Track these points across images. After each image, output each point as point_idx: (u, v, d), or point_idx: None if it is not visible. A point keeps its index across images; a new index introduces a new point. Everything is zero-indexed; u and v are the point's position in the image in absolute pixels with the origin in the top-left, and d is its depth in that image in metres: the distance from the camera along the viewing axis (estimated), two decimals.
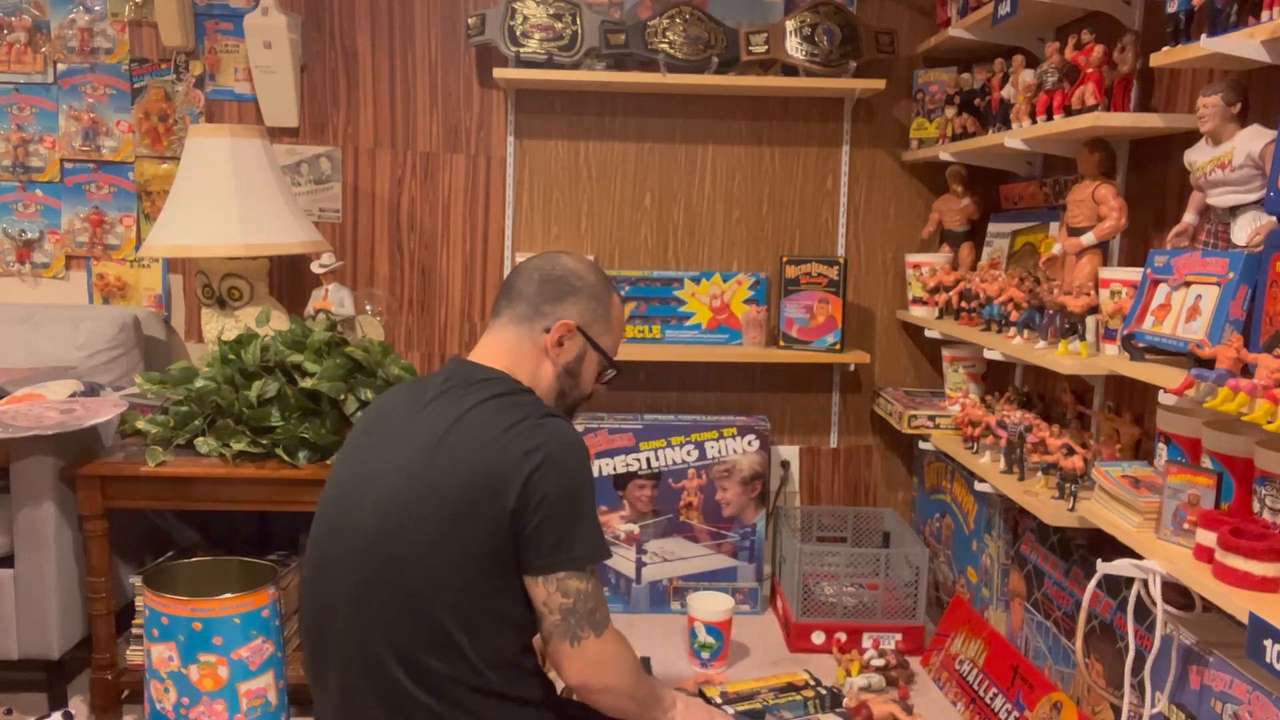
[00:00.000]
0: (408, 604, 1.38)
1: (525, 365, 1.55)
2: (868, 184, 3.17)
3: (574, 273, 1.59)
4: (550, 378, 1.57)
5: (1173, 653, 1.66)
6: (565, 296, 1.57)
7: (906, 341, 3.24)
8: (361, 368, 2.41)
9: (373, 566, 1.41)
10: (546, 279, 1.57)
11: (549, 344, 1.55)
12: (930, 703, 2.47)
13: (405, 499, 1.41)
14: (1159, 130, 2.05)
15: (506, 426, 1.41)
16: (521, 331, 1.56)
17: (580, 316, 1.57)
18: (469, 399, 1.46)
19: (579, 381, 1.60)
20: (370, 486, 1.45)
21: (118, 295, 3.14)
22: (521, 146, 3.11)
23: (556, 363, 1.57)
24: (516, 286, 1.58)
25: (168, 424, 2.35)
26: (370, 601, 1.40)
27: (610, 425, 2.95)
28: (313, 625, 1.50)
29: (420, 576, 1.37)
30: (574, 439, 1.45)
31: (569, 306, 1.57)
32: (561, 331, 1.55)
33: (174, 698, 2.01)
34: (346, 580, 1.43)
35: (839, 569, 2.82)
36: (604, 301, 1.61)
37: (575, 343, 1.57)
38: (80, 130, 3.07)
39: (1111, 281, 1.96)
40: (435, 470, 1.40)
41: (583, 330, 1.57)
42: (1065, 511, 2.01)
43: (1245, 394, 1.39)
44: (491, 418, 1.43)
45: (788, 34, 2.93)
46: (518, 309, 1.56)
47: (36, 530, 2.30)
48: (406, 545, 1.39)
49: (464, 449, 1.40)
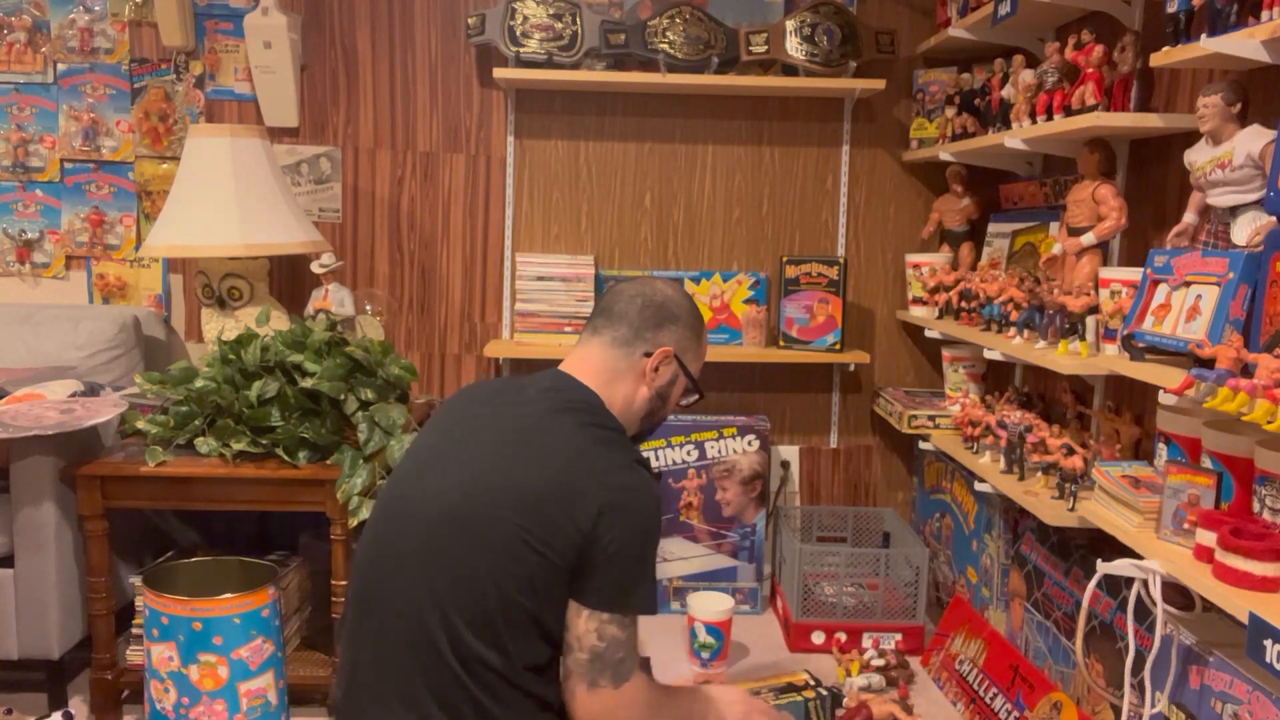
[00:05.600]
0: (469, 587, 1.40)
1: (622, 386, 1.62)
2: (868, 184, 3.17)
3: (674, 301, 1.67)
4: (644, 400, 1.64)
5: (1173, 653, 1.66)
6: (665, 324, 1.65)
7: (906, 341, 3.24)
8: (361, 368, 2.41)
9: (440, 542, 1.44)
10: (649, 304, 1.65)
11: (648, 368, 1.63)
12: (930, 703, 2.47)
13: (485, 486, 1.44)
14: (1159, 130, 2.05)
15: (600, 454, 1.47)
16: (621, 354, 1.62)
17: (677, 344, 1.66)
18: (566, 415, 1.52)
19: (666, 404, 1.69)
20: (452, 465, 1.49)
21: (118, 295, 3.14)
22: (521, 146, 3.11)
23: (651, 386, 1.64)
24: (618, 309, 1.65)
25: (168, 424, 2.35)
26: (433, 575, 1.42)
27: None
28: (362, 591, 1.52)
29: (484, 564, 1.40)
30: (658, 492, 1.51)
31: (668, 334, 1.65)
32: (661, 358, 1.63)
33: (174, 698, 2.01)
34: (412, 550, 1.45)
35: (839, 569, 2.82)
36: (697, 331, 1.71)
37: (670, 368, 1.65)
38: (80, 130, 3.07)
39: (1111, 281, 1.96)
40: (522, 468, 1.45)
41: (678, 357, 1.66)
42: (1065, 511, 2.01)
43: (1245, 394, 1.39)
44: (587, 441, 1.49)
45: (788, 34, 2.93)
46: (619, 331, 1.63)
47: (36, 530, 2.30)
48: (479, 530, 1.42)
49: (555, 458, 1.45)
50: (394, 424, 2.31)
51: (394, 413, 2.33)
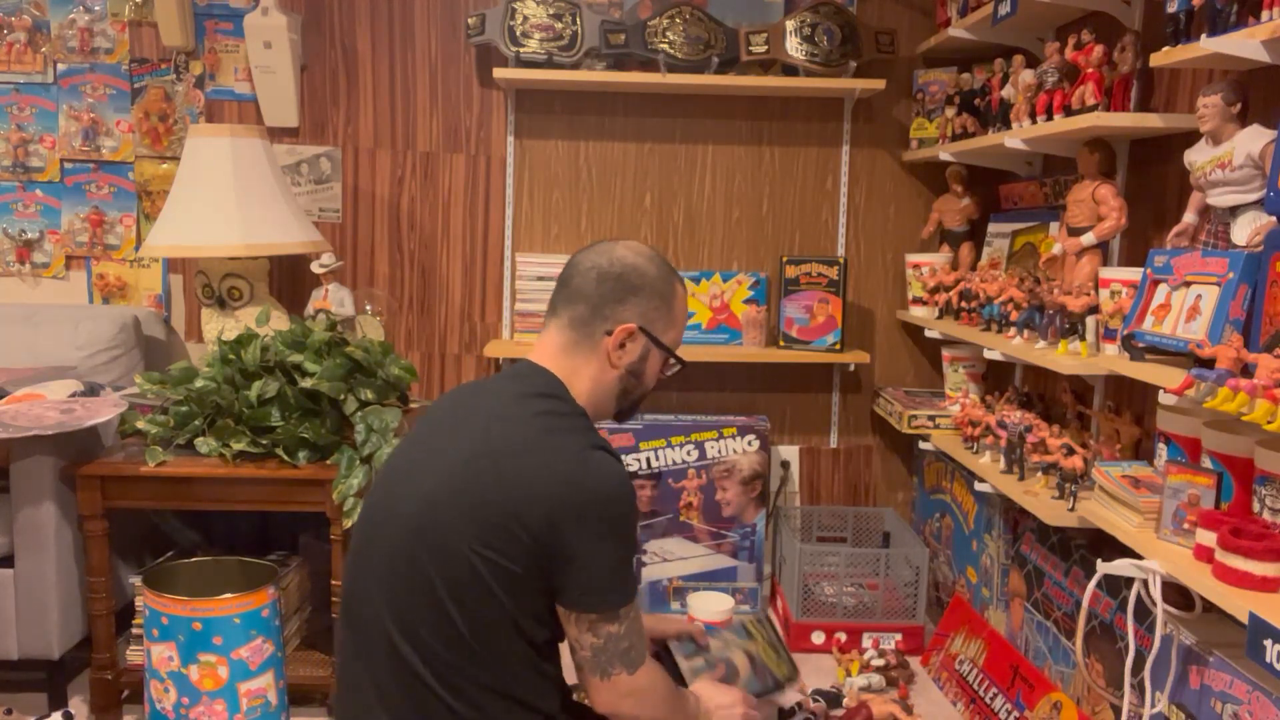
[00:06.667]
0: (430, 599, 1.37)
1: (586, 369, 1.50)
2: (868, 184, 3.17)
3: (634, 270, 1.51)
4: (613, 380, 1.52)
5: (1173, 653, 1.66)
6: (627, 296, 1.50)
7: (906, 341, 3.24)
8: (361, 368, 2.41)
9: (405, 554, 1.40)
10: (605, 277, 1.50)
11: (611, 348, 1.50)
12: (930, 703, 2.47)
13: (444, 495, 1.39)
14: (1159, 130, 2.05)
15: (551, 446, 1.38)
16: (581, 336, 1.50)
17: (642, 316, 1.51)
18: (524, 405, 1.44)
19: (642, 380, 1.56)
20: (417, 476, 1.44)
21: (118, 295, 3.14)
22: (521, 146, 3.11)
23: (619, 365, 1.51)
24: (574, 284, 1.52)
25: (168, 424, 2.35)
26: (397, 590, 1.40)
27: (610, 425, 2.94)
28: (347, 610, 1.50)
29: (442, 577, 1.36)
30: (617, 478, 1.39)
31: (631, 307, 1.50)
32: (623, 335, 1.49)
33: (174, 698, 2.01)
34: (382, 560, 1.43)
35: (839, 569, 2.82)
36: (667, 297, 1.53)
37: (638, 344, 1.51)
38: (80, 130, 3.07)
39: (1111, 281, 1.96)
40: (475, 475, 1.38)
41: (645, 330, 1.51)
42: (1065, 511, 2.01)
43: (1245, 394, 1.39)
44: (538, 433, 1.40)
45: (788, 34, 2.93)
46: (577, 310, 1.50)
47: (36, 530, 2.30)
48: (437, 542, 1.37)
49: (507, 462, 1.37)
50: (387, 426, 2.31)
51: (387, 415, 2.33)
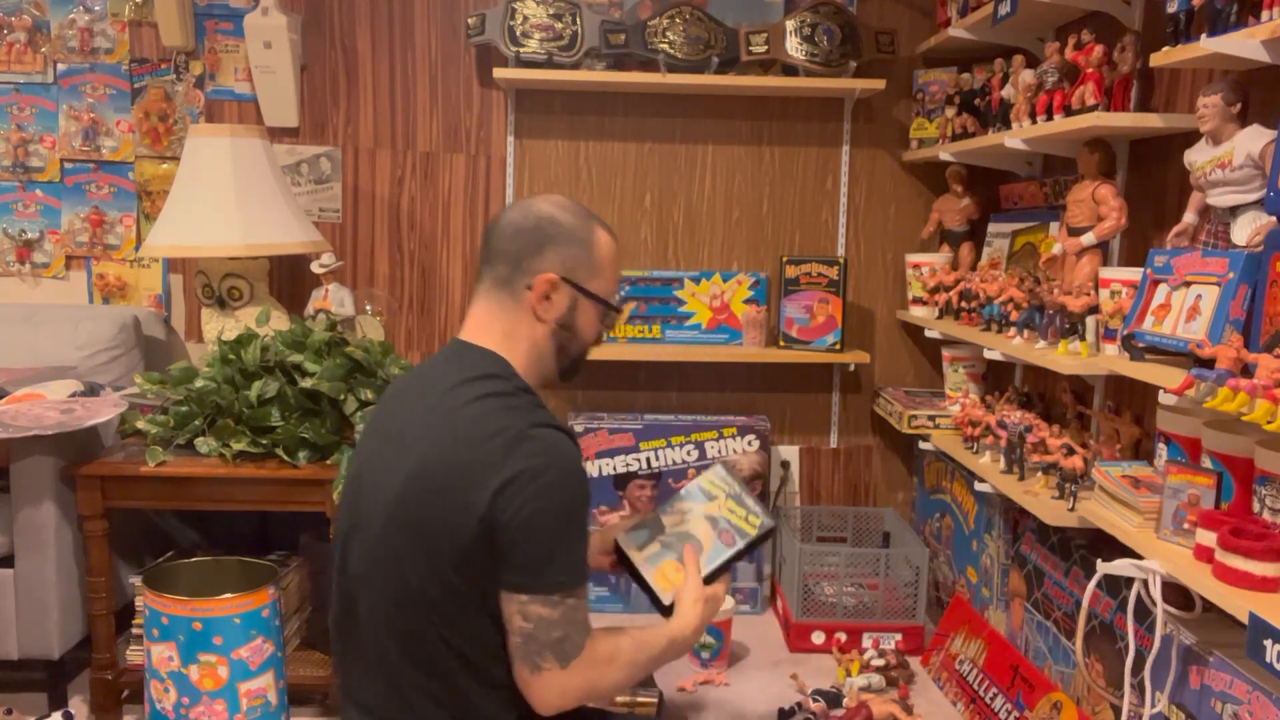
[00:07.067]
0: (400, 596, 1.36)
1: (517, 332, 1.44)
2: (868, 184, 3.17)
3: (549, 219, 1.45)
4: (544, 337, 1.46)
5: (1173, 653, 1.66)
6: (544, 247, 1.43)
7: (906, 341, 3.24)
8: (361, 368, 2.41)
9: (367, 548, 1.40)
10: (520, 231, 1.44)
11: (535, 301, 1.43)
12: (930, 703, 2.47)
13: (393, 492, 1.38)
14: (1159, 130, 2.05)
15: (490, 429, 1.34)
16: (506, 296, 1.44)
17: (562, 265, 1.44)
18: (462, 391, 1.39)
19: (577, 333, 1.49)
20: (370, 474, 1.44)
21: (118, 295, 3.14)
22: (521, 146, 3.11)
23: (547, 319, 1.45)
24: (493, 245, 1.47)
25: (168, 424, 2.35)
26: (372, 592, 1.40)
27: (610, 425, 2.95)
28: (335, 614, 1.50)
29: (406, 572, 1.36)
30: (557, 456, 1.34)
31: (549, 257, 1.43)
32: (544, 287, 1.43)
33: (174, 698, 2.01)
34: (355, 556, 1.43)
35: (839, 569, 2.81)
36: (586, 242, 1.46)
37: (563, 295, 1.44)
38: (80, 130, 3.07)
39: (1111, 281, 1.96)
40: (413, 465, 1.36)
41: (568, 280, 1.44)
42: (1065, 511, 2.01)
43: (1245, 394, 1.39)
44: (475, 416, 1.35)
45: (788, 34, 2.93)
46: (498, 271, 1.45)
47: (36, 530, 2.30)
48: (394, 539, 1.37)
49: (441, 449, 1.35)
50: None
51: None
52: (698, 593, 1.51)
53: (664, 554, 1.56)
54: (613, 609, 2.95)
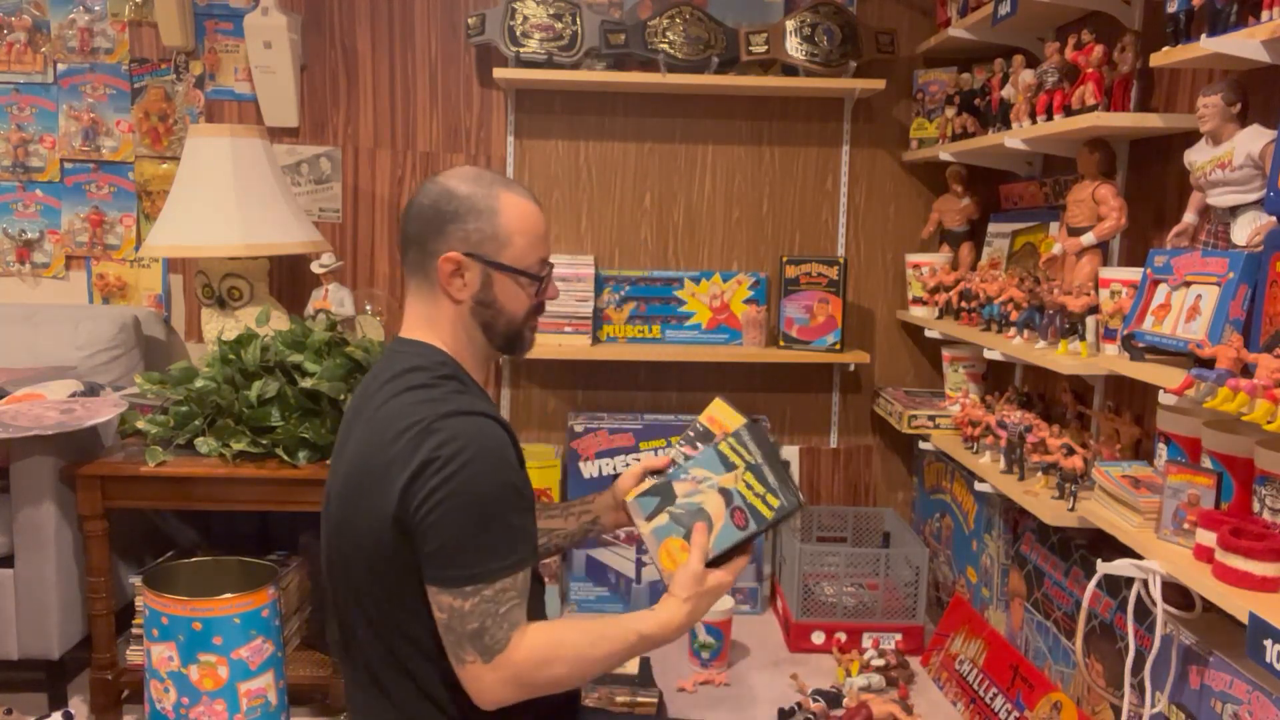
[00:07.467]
0: (348, 600, 1.38)
1: (439, 316, 1.40)
2: (868, 184, 3.17)
3: (446, 194, 1.39)
4: (466, 316, 1.40)
5: (1173, 653, 1.66)
6: (444, 225, 1.38)
7: (906, 341, 3.24)
8: (361, 368, 2.41)
9: (327, 565, 1.43)
10: (420, 211, 1.39)
11: (444, 283, 1.38)
12: (930, 703, 2.47)
13: (333, 496, 1.40)
14: (1159, 130, 2.05)
15: (407, 420, 1.30)
16: (421, 281, 1.40)
17: (464, 241, 1.37)
18: (386, 394, 1.37)
19: (500, 308, 1.41)
20: (328, 483, 1.46)
21: (118, 295, 3.14)
22: (521, 146, 3.11)
23: (462, 299, 1.39)
24: (404, 231, 1.43)
25: (168, 424, 2.35)
26: (334, 581, 1.42)
27: (610, 425, 2.95)
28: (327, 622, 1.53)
29: (348, 574, 1.37)
30: (466, 444, 1.28)
31: (450, 236, 1.37)
32: (449, 267, 1.37)
33: (174, 698, 2.01)
34: (324, 555, 1.46)
35: (839, 569, 2.82)
36: (488, 213, 1.39)
37: (474, 271, 1.38)
38: (80, 130, 3.07)
39: (1111, 281, 1.96)
40: (344, 470, 1.37)
41: (473, 254, 1.38)
42: (1065, 511, 2.01)
43: (1245, 394, 1.39)
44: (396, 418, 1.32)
45: (788, 34, 2.93)
46: (410, 257, 1.41)
47: (36, 530, 2.30)
48: (338, 544, 1.38)
49: (365, 451, 1.33)
50: None
51: None
52: (691, 586, 1.37)
53: (671, 528, 1.43)
54: (612, 608, 2.95)
